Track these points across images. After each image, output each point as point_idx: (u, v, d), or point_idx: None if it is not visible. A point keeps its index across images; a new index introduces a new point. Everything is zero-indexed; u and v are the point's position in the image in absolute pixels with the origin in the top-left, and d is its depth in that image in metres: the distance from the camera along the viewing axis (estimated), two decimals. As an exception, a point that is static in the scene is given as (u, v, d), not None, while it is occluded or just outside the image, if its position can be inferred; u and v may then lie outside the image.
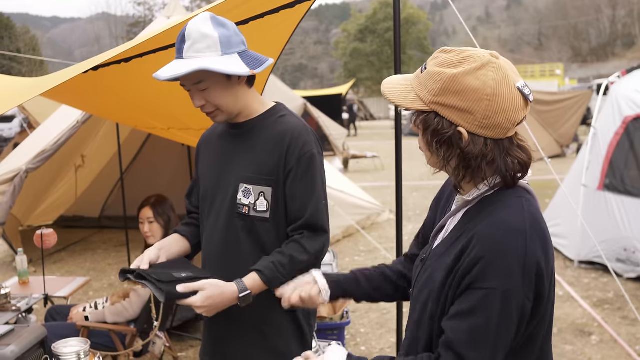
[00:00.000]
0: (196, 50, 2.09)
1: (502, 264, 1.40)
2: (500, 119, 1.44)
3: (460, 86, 1.43)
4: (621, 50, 78.21)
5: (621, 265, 6.36)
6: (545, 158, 4.23)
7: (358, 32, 61.60)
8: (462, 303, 1.46)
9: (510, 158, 1.49)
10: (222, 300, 2.06)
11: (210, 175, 2.36)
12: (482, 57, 1.47)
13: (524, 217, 1.46)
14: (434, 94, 1.46)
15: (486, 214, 1.49)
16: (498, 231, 1.43)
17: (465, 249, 1.47)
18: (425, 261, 1.66)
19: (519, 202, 1.49)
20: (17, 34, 53.81)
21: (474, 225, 1.49)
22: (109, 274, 7.47)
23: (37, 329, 2.88)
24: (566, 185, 7.49)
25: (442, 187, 1.83)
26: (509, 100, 1.44)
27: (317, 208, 2.22)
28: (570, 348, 4.86)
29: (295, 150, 2.20)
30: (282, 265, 2.15)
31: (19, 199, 6.76)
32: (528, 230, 1.43)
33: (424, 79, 1.49)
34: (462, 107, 1.43)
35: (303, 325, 2.34)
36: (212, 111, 2.21)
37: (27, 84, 4.01)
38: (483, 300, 1.42)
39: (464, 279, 1.45)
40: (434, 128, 1.47)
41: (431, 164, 1.58)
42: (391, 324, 5.44)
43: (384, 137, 28.19)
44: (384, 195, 11.96)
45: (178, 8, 7.48)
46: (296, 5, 3.22)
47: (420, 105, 1.48)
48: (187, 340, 5.23)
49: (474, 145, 1.46)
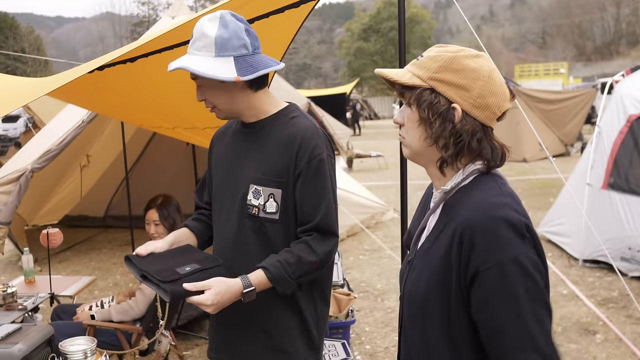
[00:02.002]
0: (195, 48, 2.13)
1: (496, 237, 1.43)
2: (491, 101, 1.52)
3: (459, 65, 1.52)
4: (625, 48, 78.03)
5: (626, 264, 6.35)
6: (549, 157, 4.22)
7: (362, 32, 61.58)
8: (479, 291, 1.46)
9: (494, 144, 1.57)
10: (229, 296, 2.07)
11: (221, 172, 2.37)
12: (476, 51, 1.58)
13: (502, 193, 1.51)
14: (433, 72, 1.53)
15: (464, 200, 1.53)
16: (481, 211, 1.47)
17: (454, 238, 1.49)
18: (412, 262, 1.67)
19: (495, 184, 1.54)
20: (22, 34, 53.97)
21: (455, 214, 1.52)
22: (114, 273, 7.49)
23: (44, 328, 2.91)
24: (570, 184, 7.48)
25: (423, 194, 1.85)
26: (500, 86, 1.54)
27: (327, 212, 2.21)
28: (575, 347, 4.86)
29: (305, 153, 2.19)
30: (289, 264, 2.14)
31: (25, 199, 6.78)
32: (509, 202, 1.48)
33: (422, 62, 1.57)
34: (460, 83, 1.51)
35: (311, 326, 2.33)
36: (210, 107, 2.24)
37: (33, 83, 4.03)
38: (499, 276, 1.42)
39: (467, 269, 1.46)
40: (430, 102, 1.53)
41: (414, 142, 1.60)
42: (396, 322, 5.44)
43: (388, 137, 28.18)
44: (388, 194, 11.97)
45: (182, 8, 7.50)
46: (301, 5, 3.23)
47: (417, 82, 1.55)
48: (193, 339, 5.24)
49: (466, 122, 1.52)
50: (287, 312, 2.28)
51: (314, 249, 2.17)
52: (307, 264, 2.16)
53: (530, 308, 1.43)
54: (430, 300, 1.55)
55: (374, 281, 6.79)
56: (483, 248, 1.43)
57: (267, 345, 2.29)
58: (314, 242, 2.19)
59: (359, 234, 8.82)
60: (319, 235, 2.20)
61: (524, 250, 1.43)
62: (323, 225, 2.20)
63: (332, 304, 4.44)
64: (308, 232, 2.21)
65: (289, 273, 2.14)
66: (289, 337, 2.29)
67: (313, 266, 2.18)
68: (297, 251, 2.17)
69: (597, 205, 6.79)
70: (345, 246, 8.28)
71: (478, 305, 1.47)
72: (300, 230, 2.23)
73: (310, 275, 2.22)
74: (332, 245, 2.23)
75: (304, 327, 2.32)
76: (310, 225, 2.20)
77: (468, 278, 1.46)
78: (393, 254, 7.45)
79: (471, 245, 1.44)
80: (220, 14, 2.15)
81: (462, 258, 1.46)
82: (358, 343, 5.10)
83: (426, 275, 1.56)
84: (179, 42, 3.35)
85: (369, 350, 4.94)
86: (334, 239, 2.24)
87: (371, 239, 8.14)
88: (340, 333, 4.31)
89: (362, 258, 7.79)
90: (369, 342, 5.12)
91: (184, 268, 2.09)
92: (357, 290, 6.45)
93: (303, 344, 2.32)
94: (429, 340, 1.57)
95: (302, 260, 2.15)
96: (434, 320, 1.55)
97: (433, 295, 1.54)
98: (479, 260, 1.43)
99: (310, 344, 2.35)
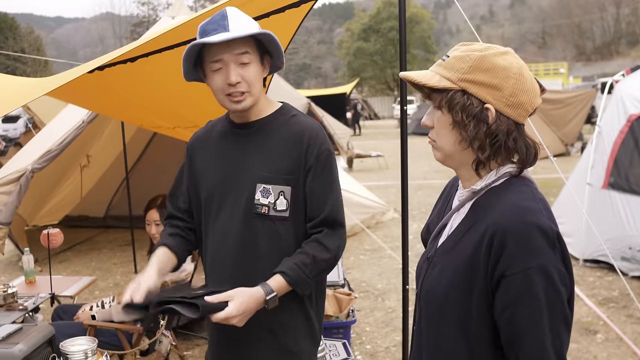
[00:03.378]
0: (244, 25, 2.12)
1: (528, 243, 1.41)
2: (524, 99, 1.50)
3: (489, 64, 1.50)
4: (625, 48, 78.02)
5: (626, 263, 6.35)
6: (550, 156, 4.22)
7: (362, 32, 61.50)
8: (504, 294, 1.45)
9: (528, 142, 1.55)
10: (254, 304, 2.06)
11: (215, 176, 2.31)
12: (502, 47, 1.55)
13: (534, 199, 1.50)
14: (463, 72, 1.51)
15: (496, 202, 1.51)
16: (515, 215, 1.45)
17: (483, 239, 1.47)
18: (431, 259, 1.66)
19: (527, 188, 1.53)
20: (22, 34, 53.96)
21: (486, 214, 1.51)
22: (115, 273, 7.49)
23: (44, 328, 2.90)
24: (571, 183, 7.48)
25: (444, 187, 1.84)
26: (530, 82, 1.52)
27: (335, 203, 2.25)
28: (576, 346, 4.86)
29: (314, 149, 2.22)
30: (306, 265, 2.16)
31: (25, 199, 6.78)
32: (542, 209, 1.47)
33: (449, 63, 1.54)
34: (492, 83, 1.49)
35: (314, 322, 2.34)
36: (242, 92, 2.17)
37: (33, 83, 4.03)
38: (524, 282, 1.42)
39: (495, 271, 1.45)
40: (462, 104, 1.50)
41: (447, 145, 1.58)
42: (396, 322, 5.44)
43: (389, 137, 28.18)
44: (388, 194, 11.97)
45: (182, 8, 7.50)
46: (301, 5, 3.24)
47: (448, 84, 1.52)
48: (193, 339, 5.24)
49: (500, 122, 1.50)
50: (292, 310, 2.27)
51: (326, 246, 2.20)
52: (322, 261, 2.20)
53: (548, 320, 1.43)
54: (452, 299, 1.54)
55: (375, 281, 6.79)
56: (513, 252, 1.42)
57: (272, 346, 2.28)
58: (325, 239, 2.21)
59: (360, 233, 8.82)
60: (328, 229, 2.23)
61: (553, 260, 1.42)
62: (331, 217, 2.23)
63: (332, 304, 4.44)
64: (318, 228, 2.23)
65: (306, 274, 2.16)
66: (294, 336, 2.29)
67: (328, 263, 2.22)
68: (311, 251, 2.19)
69: (597, 205, 6.79)
70: (345, 246, 8.27)
71: (501, 309, 1.46)
72: (309, 226, 2.25)
73: (326, 272, 2.28)
74: (341, 237, 2.27)
75: (308, 324, 2.33)
76: (319, 218, 2.22)
77: (494, 280, 1.46)
78: (393, 253, 7.44)
79: (501, 248, 1.43)
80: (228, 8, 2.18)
81: (491, 260, 1.45)
82: (359, 343, 5.10)
83: (449, 273, 1.55)
84: (179, 42, 3.35)
85: (369, 350, 4.94)
86: (341, 230, 2.27)
87: (371, 239, 8.14)
88: (341, 333, 4.31)
89: (362, 258, 7.79)
90: (370, 342, 5.12)
91: (196, 291, 2.05)
92: (358, 290, 6.45)
93: (307, 342, 2.33)
94: (443, 339, 1.57)
95: (317, 260, 2.18)
96: (452, 319, 1.54)
97: (455, 294, 1.53)
98: (507, 264, 1.42)
99: (313, 341, 2.36)
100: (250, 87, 2.17)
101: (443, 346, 1.57)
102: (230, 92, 2.17)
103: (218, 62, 2.14)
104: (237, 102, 2.18)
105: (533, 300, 1.41)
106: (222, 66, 2.15)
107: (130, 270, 7.51)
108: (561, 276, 1.43)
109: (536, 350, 1.43)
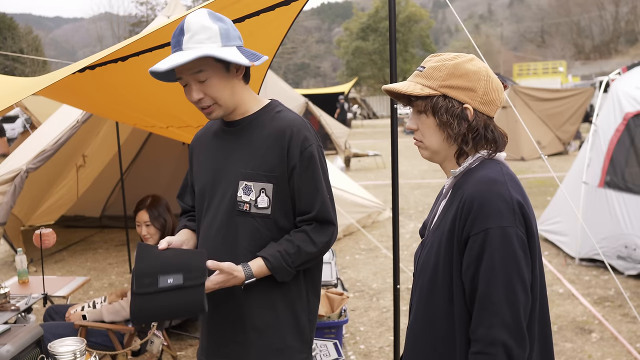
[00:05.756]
0: (197, 41, 2.10)
1: (491, 207, 1.63)
2: (494, 96, 1.77)
3: (463, 70, 1.75)
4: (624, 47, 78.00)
5: (622, 262, 6.34)
6: (543, 156, 4.21)
7: (360, 31, 61.36)
8: (468, 254, 1.66)
9: (500, 131, 1.80)
10: (230, 284, 2.18)
11: (206, 174, 2.36)
12: (468, 54, 1.81)
13: (502, 173, 1.73)
14: (442, 80, 1.75)
15: (470, 178, 1.73)
16: (481, 184, 1.68)
17: (458, 208, 1.69)
18: (424, 242, 1.87)
19: (497, 165, 1.76)
20: (20, 35, 53.83)
21: (462, 190, 1.72)
22: (110, 274, 7.47)
23: (33, 329, 2.89)
24: (567, 182, 7.47)
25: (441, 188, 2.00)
26: (497, 82, 1.79)
27: (323, 202, 2.25)
28: (571, 345, 4.84)
29: (297, 145, 2.22)
30: (289, 254, 2.20)
31: (20, 199, 6.76)
32: (507, 181, 1.70)
33: (427, 73, 1.78)
34: (467, 86, 1.74)
35: (303, 321, 2.34)
36: (209, 105, 2.20)
37: (24, 83, 4.01)
38: (483, 241, 1.63)
39: (463, 233, 1.67)
40: (445, 107, 1.74)
41: (435, 144, 1.80)
42: (391, 322, 5.41)
43: (386, 136, 28.06)
44: (385, 193, 11.94)
45: (178, 7, 7.48)
46: (291, 3, 3.22)
47: (430, 91, 1.75)
48: (186, 339, 5.22)
49: (478, 118, 1.75)
50: (278, 308, 2.28)
51: (314, 239, 2.24)
52: (306, 254, 2.23)
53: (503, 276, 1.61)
54: (439, 269, 1.73)
55: (370, 281, 6.77)
56: (476, 215, 1.64)
57: (260, 344, 2.28)
58: (314, 233, 2.24)
59: (355, 233, 8.81)
60: (318, 224, 2.26)
61: (512, 223, 1.63)
62: (321, 216, 2.25)
63: (324, 304, 4.42)
64: (307, 222, 2.26)
65: (288, 263, 2.20)
66: (281, 334, 2.29)
67: (312, 256, 2.26)
68: (297, 241, 2.22)
69: (593, 203, 6.77)
70: (341, 245, 8.27)
71: (466, 267, 1.67)
72: (299, 220, 2.27)
73: (308, 264, 2.30)
74: (331, 235, 2.29)
75: (296, 322, 2.33)
76: (308, 216, 2.25)
77: (462, 242, 1.67)
78: (389, 253, 7.42)
79: (468, 212, 1.65)
80: (207, 10, 2.18)
81: (460, 224, 1.68)
82: (352, 343, 5.08)
83: (436, 247, 1.76)
84: (169, 41, 3.32)
85: (363, 350, 4.93)
86: (332, 228, 2.29)
87: (368, 239, 8.13)
88: (333, 333, 4.30)
89: (358, 257, 7.77)
90: (364, 341, 5.10)
91: (166, 279, 2.08)
92: (353, 289, 6.44)
93: (295, 340, 2.32)
94: (433, 308, 1.75)
95: (301, 251, 2.22)
96: (440, 288, 1.73)
97: (441, 263, 1.73)
98: (471, 225, 1.65)
99: (302, 339, 2.35)
100: (216, 99, 2.20)
101: (433, 316, 1.76)
102: (198, 106, 2.22)
103: (181, 80, 2.19)
104: (208, 113, 2.24)
105: (490, 257, 1.62)
106: (185, 83, 2.19)
107: (125, 270, 7.50)
108: (519, 239, 1.63)
109: (490, 304, 1.61)
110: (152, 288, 2.06)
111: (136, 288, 2.05)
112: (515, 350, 1.60)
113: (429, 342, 1.76)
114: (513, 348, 1.60)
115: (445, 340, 1.72)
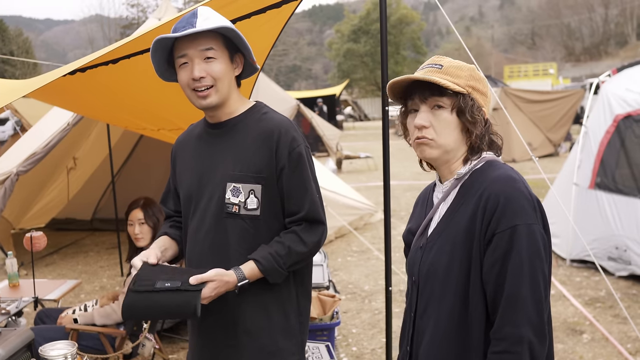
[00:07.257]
0: (212, 23, 2.12)
1: (516, 205, 1.65)
2: (491, 103, 1.84)
3: (478, 75, 1.81)
4: (614, 49, 78.34)
5: (613, 263, 6.37)
6: (534, 158, 4.23)
7: (351, 33, 61.45)
8: (494, 251, 1.66)
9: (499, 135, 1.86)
10: (223, 290, 2.15)
11: (192, 177, 2.34)
12: None
13: (516, 172, 1.75)
14: (467, 79, 1.77)
15: (485, 177, 1.74)
16: (504, 182, 1.69)
17: (479, 205, 1.69)
18: (424, 246, 1.84)
19: (507, 166, 1.79)
20: (10, 37, 53.55)
21: (477, 188, 1.73)
22: (101, 277, 7.45)
23: (24, 332, 2.88)
24: (558, 184, 7.50)
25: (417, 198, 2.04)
26: None
27: (312, 202, 2.25)
28: (562, 347, 4.86)
29: (285, 146, 2.21)
30: (280, 256, 2.19)
31: (11, 202, 6.74)
32: (522, 180, 1.72)
33: (450, 72, 1.77)
34: (483, 90, 1.80)
35: (294, 322, 2.33)
36: (207, 87, 2.17)
37: (14, 85, 3.99)
38: (511, 238, 1.63)
39: (487, 231, 1.67)
40: (471, 106, 1.75)
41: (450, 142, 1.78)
42: (383, 324, 5.41)
43: (378, 138, 28.10)
44: (377, 195, 11.94)
45: (169, 9, 7.47)
46: (282, 6, 3.22)
47: (459, 88, 1.75)
48: (178, 342, 5.21)
49: (489, 121, 1.81)
50: (269, 311, 2.27)
51: (304, 239, 2.23)
52: (296, 254, 2.22)
53: (529, 274, 1.62)
54: (454, 270, 1.72)
55: (362, 283, 6.78)
56: (502, 212, 1.65)
57: (250, 347, 2.28)
58: (303, 233, 2.24)
59: (347, 235, 8.81)
60: (308, 224, 2.26)
61: (536, 221, 1.66)
62: (311, 216, 2.25)
63: (316, 306, 4.42)
64: (297, 222, 2.26)
65: (280, 264, 2.19)
66: (273, 337, 2.28)
67: (303, 256, 2.25)
68: (288, 242, 2.22)
69: (584, 205, 6.80)
70: (333, 247, 8.27)
71: (491, 265, 1.66)
72: (288, 221, 2.27)
73: (300, 264, 2.29)
74: (321, 235, 2.29)
75: (288, 324, 2.32)
76: (298, 216, 2.25)
77: (487, 239, 1.67)
78: (381, 255, 7.41)
79: (494, 209, 1.66)
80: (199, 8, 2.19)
81: (485, 221, 1.67)
82: (345, 345, 5.08)
83: (448, 247, 1.75)
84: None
85: (355, 352, 4.93)
86: (322, 227, 2.29)
87: (359, 241, 8.13)
88: (325, 335, 4.29)
89: (350, 259, 7.77)
90: (356, 343, 5.10)
91: (164, 283, 2.08)
92: (345, 291, 6.44)
93: (287, 342, 2.32)
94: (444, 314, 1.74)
95: (292, 251, 2.21)
96: (454, 290, 1.72)
97: (456, 264, 1.72)
98: (497, 222, 1.65)
99: (294, 340, 2.34)
100: (216, 82, 2.18)
101: (443, 321, 1.74)
102: (195, 87, 2.18)
103: (183, 57, 2.17)
104: (202, 97, 2.19)
105: (518, 254, 1.62)
106: (187, 61, 2.17)
107: (116, 273, 7.47)
108: (542, 237, 1.66)
109: (517, 302, 1.61)
110: (149, 288, 2.06)
111: (133, 286, 2.05)
112: (537, 347, 1.61)
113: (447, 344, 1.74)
114: (536, 345, 1.61)
115: (459, 340, 1.72)
